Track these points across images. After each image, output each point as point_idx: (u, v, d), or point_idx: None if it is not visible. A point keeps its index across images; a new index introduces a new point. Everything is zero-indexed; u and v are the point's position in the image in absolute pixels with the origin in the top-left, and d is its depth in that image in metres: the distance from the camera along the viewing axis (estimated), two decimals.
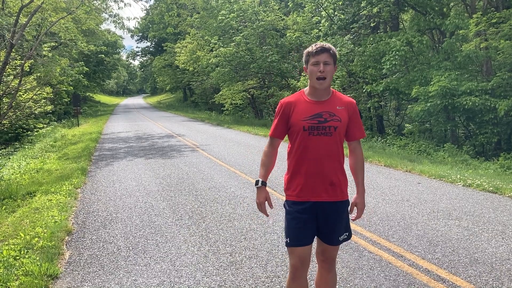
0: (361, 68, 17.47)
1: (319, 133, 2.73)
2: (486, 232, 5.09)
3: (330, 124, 2.73)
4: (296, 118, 2.77)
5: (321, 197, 2.79)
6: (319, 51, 2.70)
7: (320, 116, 2.74)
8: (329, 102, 2.79)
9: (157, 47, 60.08)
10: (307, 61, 2.77)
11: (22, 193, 7.86)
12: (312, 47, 2.75)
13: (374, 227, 5.35)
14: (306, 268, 2.86)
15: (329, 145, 2.75)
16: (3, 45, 15.55)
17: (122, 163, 11.14)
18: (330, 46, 2.74)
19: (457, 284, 3.78)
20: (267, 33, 24.08)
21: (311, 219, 2.80)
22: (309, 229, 2.81)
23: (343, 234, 2.91)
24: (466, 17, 14.62)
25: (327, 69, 2.69)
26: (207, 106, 39.98)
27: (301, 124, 2.75)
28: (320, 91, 2.77)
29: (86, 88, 42.32)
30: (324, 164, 2.76)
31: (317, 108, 2.76)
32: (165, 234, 5.36)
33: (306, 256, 2.82)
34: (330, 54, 2.71)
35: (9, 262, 4.43)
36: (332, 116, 2.74)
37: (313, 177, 2.77)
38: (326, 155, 2.75)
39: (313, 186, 2.77)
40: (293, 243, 2.81)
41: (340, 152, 2.82)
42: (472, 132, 15.73)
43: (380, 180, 8.22)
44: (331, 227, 2.84)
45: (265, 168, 2.96)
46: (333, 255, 2.94)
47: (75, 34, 25.35)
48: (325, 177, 2.78)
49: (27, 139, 20.45)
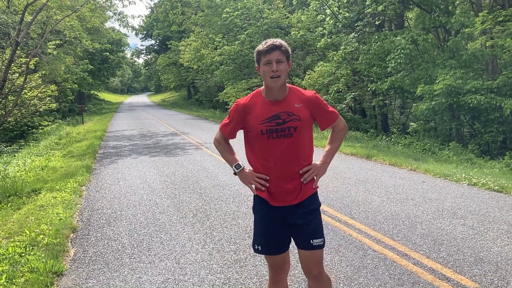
0: (366, 66, 17.40)
1: (278, 135, 2.58)
2: (491, 231, 5.06)
3: (289, 124, 2.58)
4: (253, 122, 2.62)
5: (288, 201, 2.66)
6: (270, 49, 2.53)
7: (278, 117, 2.58)
8: (287, 101, 2.62)
9: (162, 45, 60.11)
10: (259, 60, 2.59)
11: (27, 190, 7.89)
12: (263, 45, 2.57)
13: (379, 226, 5.34)
14: (286, 271, 2.81)
15: (291, 146, 2.60)
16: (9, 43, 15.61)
17: (126, 161, 11.17)
18: (281, 43, 2.57)
19: (462, 283, 3.77)
20: (272, 31, 24.03)
21: (281, 225, 2.68)
22: (280, 236, 2.70)
23: (318, 237, 2.66)
24: (472, 15, 14.51)
25: (280, 67, 2.53)
26: (211, 104, 39.96)
27: (258, 128, 2.60)
28: (275, 91, 2.60)
29: (91, 86, 42.45)
30: (287, 167, 2.62)
31: (274, 109, 2.60)
32: (169, 231, 5.37)
33: (284, 260, 2.76)
34: (282, 51, 2.54)
35: (15, 259, 4.46)
36: (291, 116, 2.59)
37: (279, 181, 2.63)
38: (288, 157, 2.61)
39: (279, 191, 2.64)
40: (266, 251, 2.73)
41: (306, 152, 2.67)
42: (477, 131, 15.65)
43: (384, 178, 8.19)
44: (303, 230, 2.66)
45: (229, 153, 2.86)
46: (315, 260, 2.67)
47: (80, 32, 25.42)
48: (291, 180, 2.64)
49: (32, 137, 20.53)
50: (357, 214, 5.87)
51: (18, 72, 16.81)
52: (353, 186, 7.57)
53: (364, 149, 12.09)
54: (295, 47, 23.85)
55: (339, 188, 7.42)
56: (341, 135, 2.83)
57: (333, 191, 7.19)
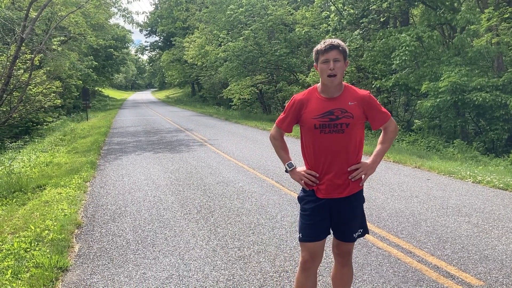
0: (371, 63, 17.35)
1: (331, 130, 2.71)
2: (496, 229, 5.04)
3: (342, 121, 2.70)
4: (307, 116, 2.76)
5: (335, 195, 2.78)
6: (328, 48, 2.67)
7: (331, 113, 2.72)
8: (341, 98, 2.75)
9: (166, 42, 60.11)
10: (317, 59, 2.74)
11: (32, 186, 7.93)
12: (321, 45, 2.71)
13: (383, 223, 5.33)
14: (316, 263, 2.87)
15: (342, 142, 2.72)
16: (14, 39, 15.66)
17: (131, 157, 11.19)
18: (339, 43, 2.70)
19: (466, 281, 3.76)
20: (276, 27, 23.97)
21: (324, 216, 2.81)
22: (321, 226, 2.81)
23: (358, 230, 2.89)
24: (477, 12, 14.43)
25: (337, 66, 2.66)
26: (215, 101, 39.97)
27: (312, 122, 2.74)
28: (331, 88, 2.74)
29: (95, 82, 42.54)
30: (337, 162, 2.74)
31: (328, 105, 2.74)
32: (173, 228, 5.38)
33: (316, 251, 2.83)
34: (339, 50, 2.67)
35: (20, 254, 4.49)
36: (344, 112, 2.71)
37: (328, 174, 2.76)
38: (339, 152, 2.73)
39: (328, 184, 2.77)
40: (304, 239, 2.83)
41: (356, 148, 2.78)
42: (482, 128, 15.57)
43: (389, 176, 8.18)
44: (345, 223, 2.84)
45: (283, 150, 3.00)
46: (347, 249, 2.94)
47: (85, 28, 25.46)
48: (339, 174, 2.76)
49: (37, 133, 20.63)
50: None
51: (23, 68, 16.89)
52: None
53: (368, 146, 12.05)
54: (299, 43, 23.82)
55: None
56: (392, 136, 2.94)
57: None
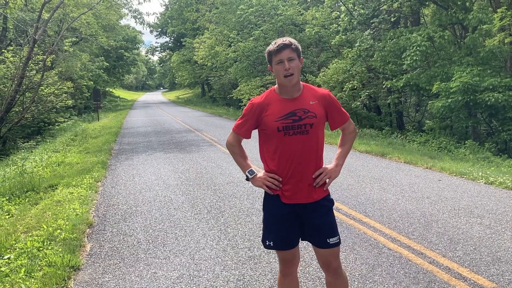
0: (381, 63, 17.24)
1: (295, 132, 2.60)
2: (509, 231, 4.99)
3: (305, 121, 2.60)
4: (269, 120, 2.63)
5: (302, 200, 2.67)
6: (280, 48, 2.55)
7: (294, 114, 2.60)
8: (302, 98, 2.65)
9: (176, 43, 60.32)
10: (270, 60, 2.63)
11: (44, 185, 8.01)
12: (273, 45, 2.59)
13: (394, 224, 5.30)
14: (294, 267, 2.85)
15: (307, 143, 2.61)
16: (26, 41, 15.84)
17: (141, 157, 11.26)
18: (291, 41, 2.59)
19: (479, 283, 3.72)
20: (286, 28, 23.95)
21: (292, 222, 2.71)
22: (292, 233, 2.73)
23: (333, 237, 2.70)
24: (490, 12, 14.27)
25: (292, 65, 2.55)
26: (225, 102, 40.01)
27: (274, 125, 2.61)
28: (289, 88, 2.62)
29: (106, 83, 42.89)
30: (302, 165, 2.63)
31: (289, 106, 2.62)
32: (184, 228, 5.41)
33: (293, 257, 2.80)
34: (292, 49, 2.57)
35: (33, 253, 4.54)
36: (307, 112, 2.61)
37: (293, 178, 2.65)
38: (304, 155, 2.62)
39: (293, 189, 2.66)
40: (276, 247, 2.76)
41: (320, 149, 2.69)
42: (494, 129, 15.41)
43: (399, 176, 8.13)
44: (316, 229, 2.71)
45: (242, 157, 2.88)
46: (329, 259, 2.74)
47: (96, 29, 25.68)
48: (306, 177, 2.65)
49: (49, 133, 20.83)
50: (372, 212, 5.83)
51: (36, 69, 17.07)
52: (367, 184, 7.52)
53: (379, 146, 12.00)
54: (309, 44, 23.75)
55: (353, 186, 7.38)
56: (352, 137, 2.87)
57: (348, 189, 7.16)
